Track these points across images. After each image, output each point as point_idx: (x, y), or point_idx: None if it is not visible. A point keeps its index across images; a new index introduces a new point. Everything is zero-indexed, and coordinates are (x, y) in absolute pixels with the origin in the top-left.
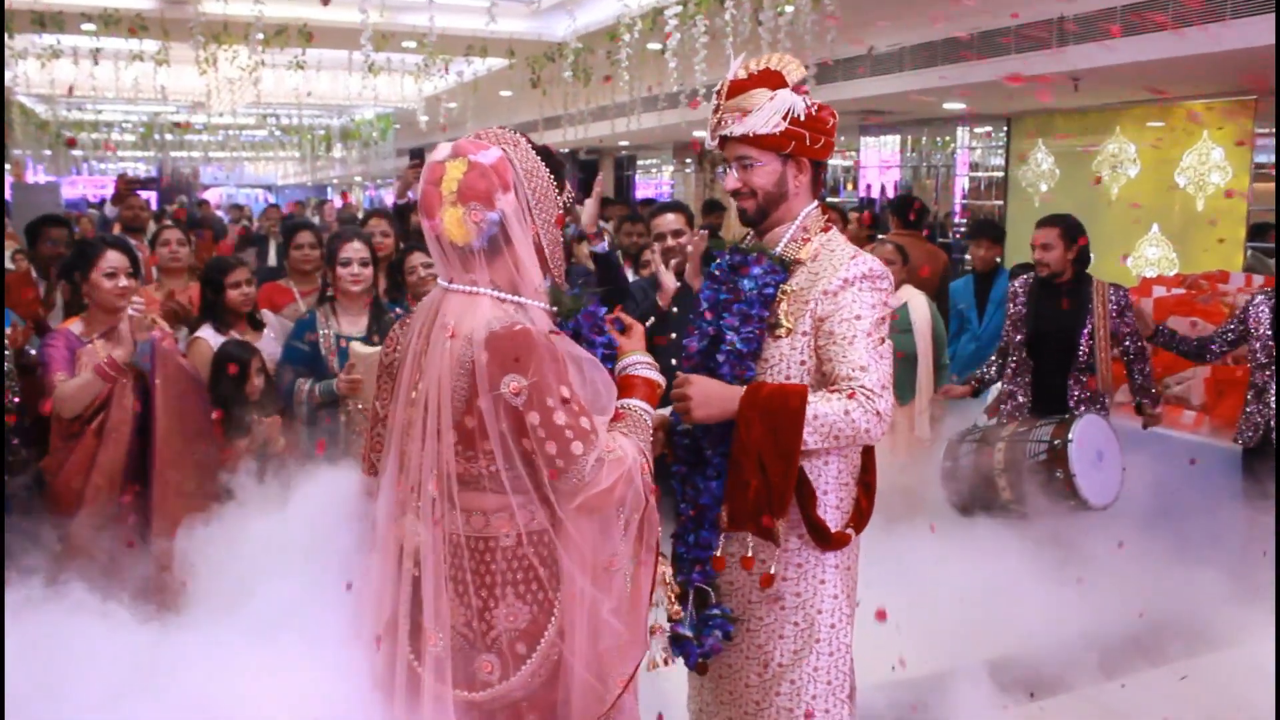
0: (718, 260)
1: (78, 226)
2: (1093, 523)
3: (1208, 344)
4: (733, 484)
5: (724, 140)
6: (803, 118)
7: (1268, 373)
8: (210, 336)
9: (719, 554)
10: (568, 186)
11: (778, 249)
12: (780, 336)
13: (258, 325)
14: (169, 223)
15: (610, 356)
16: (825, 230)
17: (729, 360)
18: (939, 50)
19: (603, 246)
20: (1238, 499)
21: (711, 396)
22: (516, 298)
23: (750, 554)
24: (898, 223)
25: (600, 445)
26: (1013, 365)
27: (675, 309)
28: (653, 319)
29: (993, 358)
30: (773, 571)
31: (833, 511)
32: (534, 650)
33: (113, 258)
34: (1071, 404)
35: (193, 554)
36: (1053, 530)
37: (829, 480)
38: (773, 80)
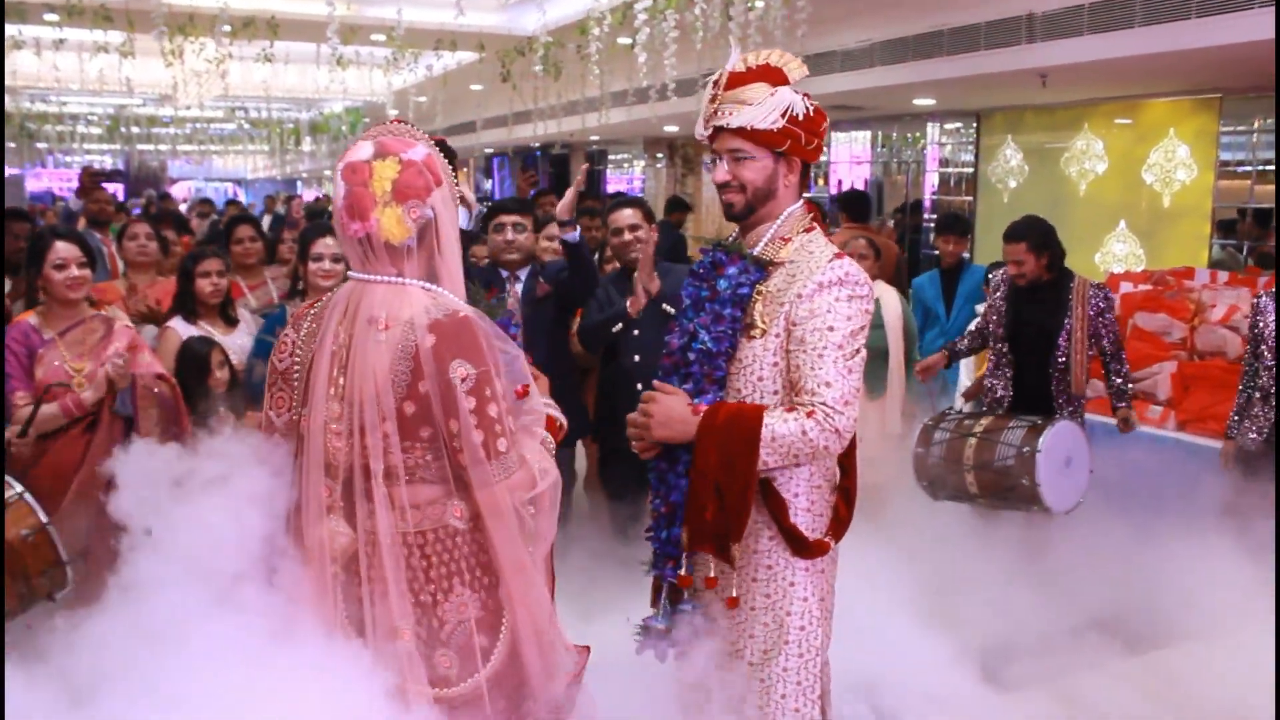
0: (703, 257)
1: (43, 220)
2: (1072, 517)
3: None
4: (690, 508)
5: (717, 131)
6: (801, 117)
7: (1276, 376)
8: (180, 327)
9: (684, 573)
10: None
11: (758, 248)
12: (755, 337)
13: (231, 320)
14: (138, 216)
15: None
16: (808, 231)
17: (699, 359)
18: (910, 46)
19: (574, 236)
20: (1211, 493)
21: (672, 418)
22: (440, 289)
23: (714, 574)
24: (847, 218)
25: (520, 449)
26: (994, 359)
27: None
28: (620, 325)
29: (972, 329)
30: (734, 594)
31: (804, 515)
32: (497, 640)
33: (61, 249)
34: (1056, 404)
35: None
36: (1025, 523)
37: (799, 483)
38: (774, 76)
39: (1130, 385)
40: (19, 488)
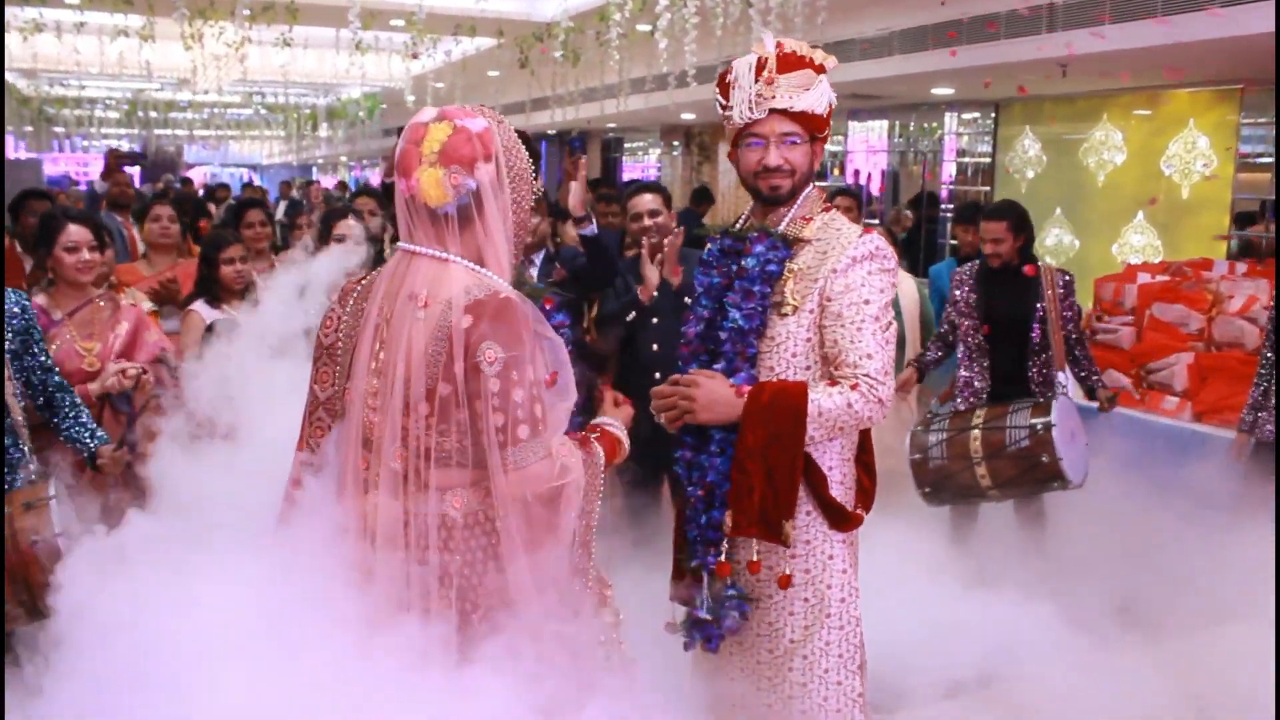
0: (710, 246)
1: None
2: (1086, 507)
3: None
4: (737, 491)
5: (770, 113)
6: (834, 105)
7: None
8: (203, 310)
9: (723, 559)
10: (539, 178)
11: (780, 228)
12: (787, 315)
13: (254, 304)
14: (160, 199)
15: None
16: (826, 210)
17: (731, 338)
18: (929, 34)
19: (591, 229)
20: (1224, 484)
21: (716, 400)
22: (485, 270)
23: (756, 558)
24: None
25: (546, 440)
26: (968, 352)
27: (655, 294)
28: (634, 313)
29: (931, 343)
30: (788, 572)
31: (838, 488)
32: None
33: (73, 231)
34: (1033, 387)
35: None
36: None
37: (833, 458)
38: (814, 64)
39: (1097, 370)
40: (52, 490)
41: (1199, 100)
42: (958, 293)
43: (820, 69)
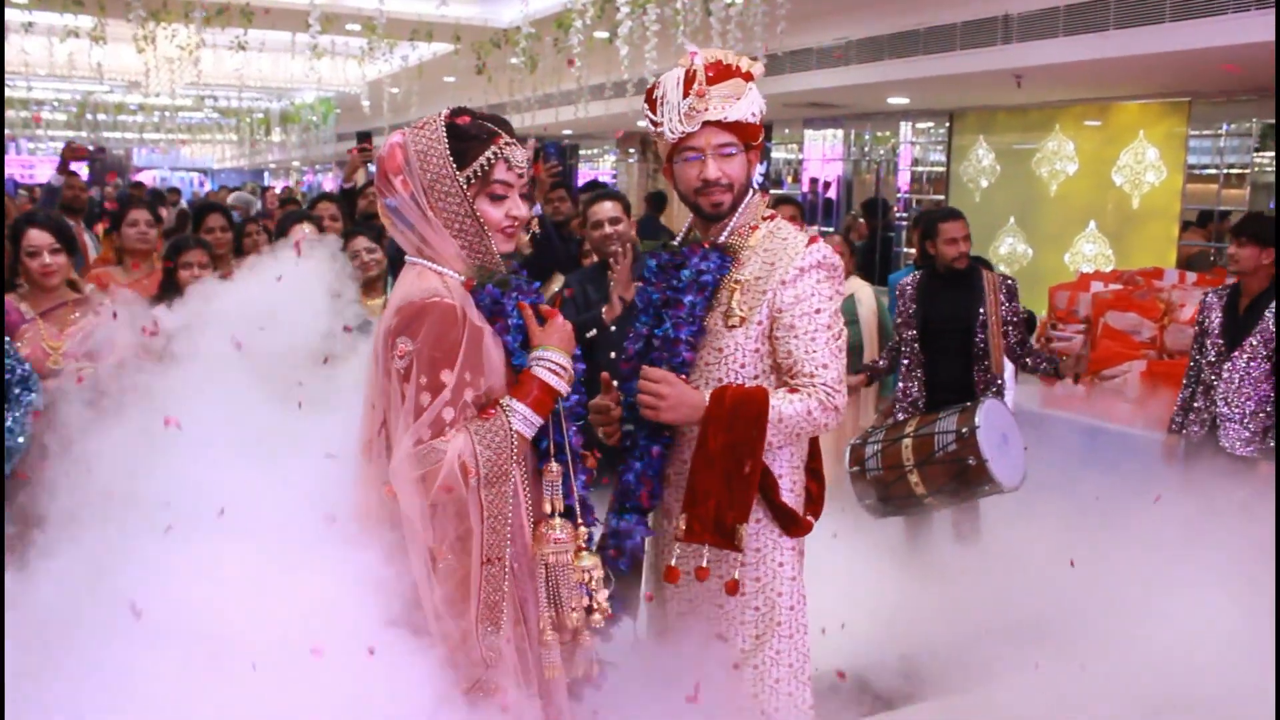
0: (651, 262)
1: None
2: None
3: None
4: (693, 495)
5: (704, 125)
6: (763, 111)
7: (1216, 370)
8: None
9: (673, 563)
10: (492, 153)
11: (722, 238)
12: (735, 326)
13: None
14: (136, 202)
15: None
16: (770, 219)
17: (662, 346)
18: (885, 45)
19: (534, 210)
20: (1179, 490)
21: (684, 401)
22: (444, 269)
23: (705, 564)
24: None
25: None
26: (908, 363)
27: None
28: (595, 330)
29: (884, 354)
30: (735, 576)
31: (788, 494)
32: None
33: (33, 236)
34: (977, 391)
35: None
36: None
37: (784, 465)
38: (743, 73)
39: (1049, 357)
40: None
41: (1149, 112)
42: (900, 303)
43: (748, 76)
